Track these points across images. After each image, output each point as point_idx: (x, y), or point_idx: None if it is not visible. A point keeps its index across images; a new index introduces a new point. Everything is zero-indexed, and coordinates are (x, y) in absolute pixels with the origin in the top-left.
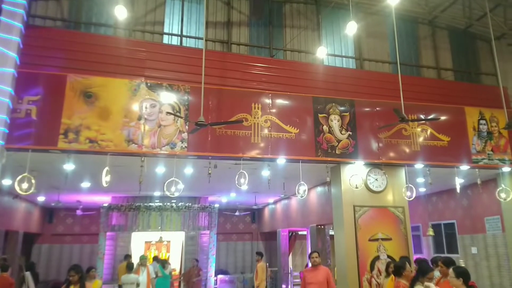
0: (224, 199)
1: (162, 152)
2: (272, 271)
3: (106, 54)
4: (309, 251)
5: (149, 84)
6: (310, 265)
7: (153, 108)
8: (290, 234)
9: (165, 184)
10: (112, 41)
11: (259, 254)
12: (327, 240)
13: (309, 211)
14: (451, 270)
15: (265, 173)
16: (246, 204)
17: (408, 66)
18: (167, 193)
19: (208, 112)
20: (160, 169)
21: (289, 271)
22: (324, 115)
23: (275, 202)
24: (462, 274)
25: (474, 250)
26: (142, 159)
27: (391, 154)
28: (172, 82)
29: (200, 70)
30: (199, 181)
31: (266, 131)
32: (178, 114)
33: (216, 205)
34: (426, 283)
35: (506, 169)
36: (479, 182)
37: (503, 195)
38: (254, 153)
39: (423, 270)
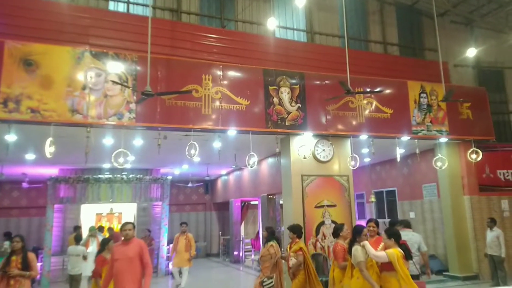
0: (176, 171)
1: (109, 123)
2: (224, 239)
3: (47, 19)
4: (261, 220)
5: (93, 53)
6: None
7: (99, 77)
8: (242, 204)
9: (113, 155)
10: (54, 6)
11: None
12: (277, 209)
13: (260, 182)
14: (383, 232)
15: (216, 144)
16: (199, 175)
17: (357, 41)
18: (115, 164)
19: (157, 83)
20: (108, 140)
21: (241, 239)
22: (275, 87)
23: (227, 174)
24: (393, 234)
25: (412, 214)
26: (88, 129)
27: (338, 126)
28: (118, 51)
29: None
30: (150, 153)
31: (217, 102)
32: (125, 84)
33: (169, 177)
34: (362, 242)
35: (443, 139)
36: (417, 152)
37: (439, 163)
38: (204, 124)
39: (358, 230)
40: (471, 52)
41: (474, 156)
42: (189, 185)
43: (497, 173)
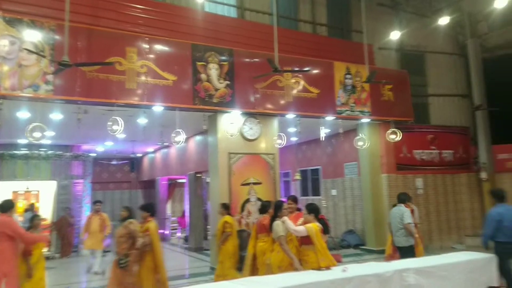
0: (100, 148)
1: (24, 95)
2: None
3: None
4: (187, 197)
5: (7, 19)
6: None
7: (13, 45)
8: (170, 182)
9: (28, 130)
10: None
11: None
12: (204, 187)
13: (188, 159)
14: (304, 207)
15: (142, 120)
16: (124, 153)
17: (287, 19)
18: (31, 139)
19: (77, 54)
20: (23, 114)
21: (167, 217)
22: (203, 63)
23: (154, 151)
24: (313, 210)
25: (334, 192)
26: (0, 101)
27: (266, 104)
28: (35, 18)
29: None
30: (70, 128)
31: (142, 77)
32: (41, 53)
33: (91, 154)
34: (283, 218)
35: (365, 120)
36: (341, 131)
37: (360, 143)
38: (129, 99)
39: (278, 206)
40: (395, 35)
41: (393, 136)
42: (113, 162)
43: (413, 153)
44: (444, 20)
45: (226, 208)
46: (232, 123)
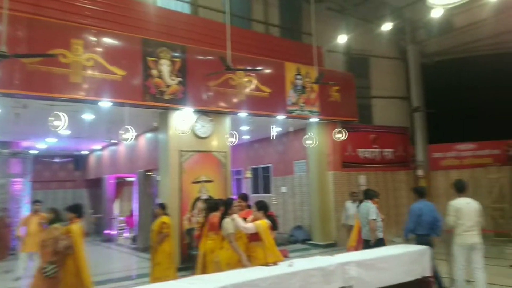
0: (41, 145)
1: None
2: (96, 218)
3: None
4: (136, 196)
5: None
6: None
7: None
8: (118, 180)
9: None
10: None
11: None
12: (154, 185)
13: (137, 157)
14: (254, 204)
15: (88, 116)
16: (68, 150)
17: (241, 19)
18: None
19: (16, 44)
20: None
21: (114, 217)
22: (154, 58)
23: (102, 148)
24: (262, 207)
25: (284, 189)
26: None
27: (219, 102)
28: None
29: None
30: (7, 123)
31: (88, 70)
32: None
33: (32, 151)
34: (232, 215)
35: (314, 119)
36: (291, 130)
37: (309, 142)
38: (73, 94)
39: (228, 203)
40: (343, 39)
41: (339, 135)
42: (56, 160)
43: (357, 152)
44: (387, 26)
45: (163, 208)
46: (184, 120)
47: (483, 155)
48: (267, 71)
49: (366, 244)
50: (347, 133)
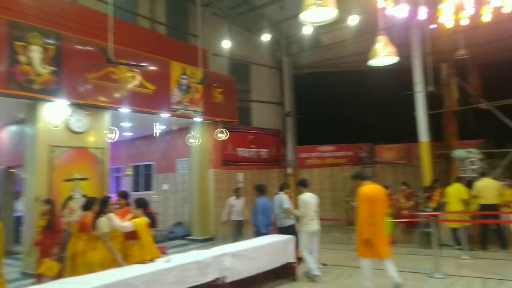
0: None
1: None
2: None
3: None
4: None
5: None
6: None
7: None
8: None
9: None
10: None
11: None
12: (19, 183)
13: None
14: (133, 202)
15: None
16: None
17: (126, 12)
18: None
19: None
20: None
21: None
22: (23, 43)
23: None
24: (141, 204)
25: (165, 187)
26: None
27: (98, 96)
28: None
29: None
30: None
31: None
32: None
33: None
34: (109, 214)
35: (197, 119)
36: (175, 128)
37: (192, 140)
38: None
39: (104, 201)
40: (227, 44)
41: (221, 135)
42: None
43: (237, 151)
44: (265, 37)
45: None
46: (56, 113)
47: (339, 156)
48: (152, 68)
49: (281, 231)
50: (228, 133)
